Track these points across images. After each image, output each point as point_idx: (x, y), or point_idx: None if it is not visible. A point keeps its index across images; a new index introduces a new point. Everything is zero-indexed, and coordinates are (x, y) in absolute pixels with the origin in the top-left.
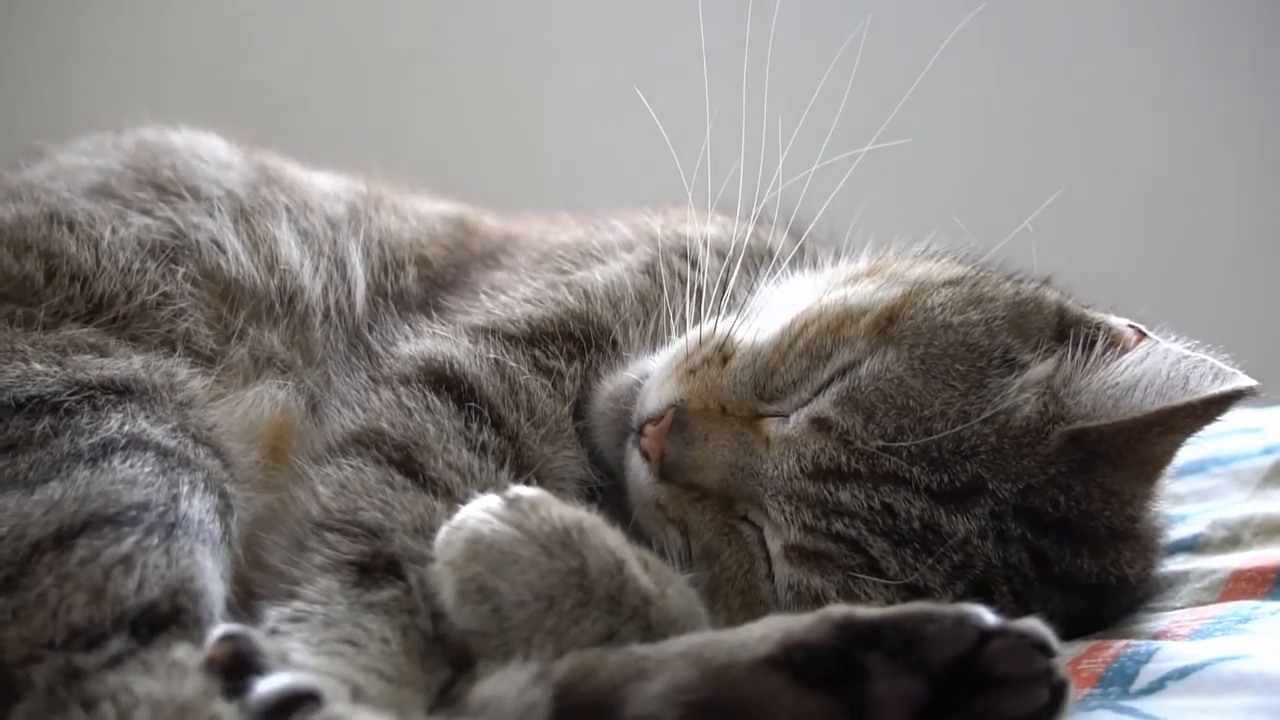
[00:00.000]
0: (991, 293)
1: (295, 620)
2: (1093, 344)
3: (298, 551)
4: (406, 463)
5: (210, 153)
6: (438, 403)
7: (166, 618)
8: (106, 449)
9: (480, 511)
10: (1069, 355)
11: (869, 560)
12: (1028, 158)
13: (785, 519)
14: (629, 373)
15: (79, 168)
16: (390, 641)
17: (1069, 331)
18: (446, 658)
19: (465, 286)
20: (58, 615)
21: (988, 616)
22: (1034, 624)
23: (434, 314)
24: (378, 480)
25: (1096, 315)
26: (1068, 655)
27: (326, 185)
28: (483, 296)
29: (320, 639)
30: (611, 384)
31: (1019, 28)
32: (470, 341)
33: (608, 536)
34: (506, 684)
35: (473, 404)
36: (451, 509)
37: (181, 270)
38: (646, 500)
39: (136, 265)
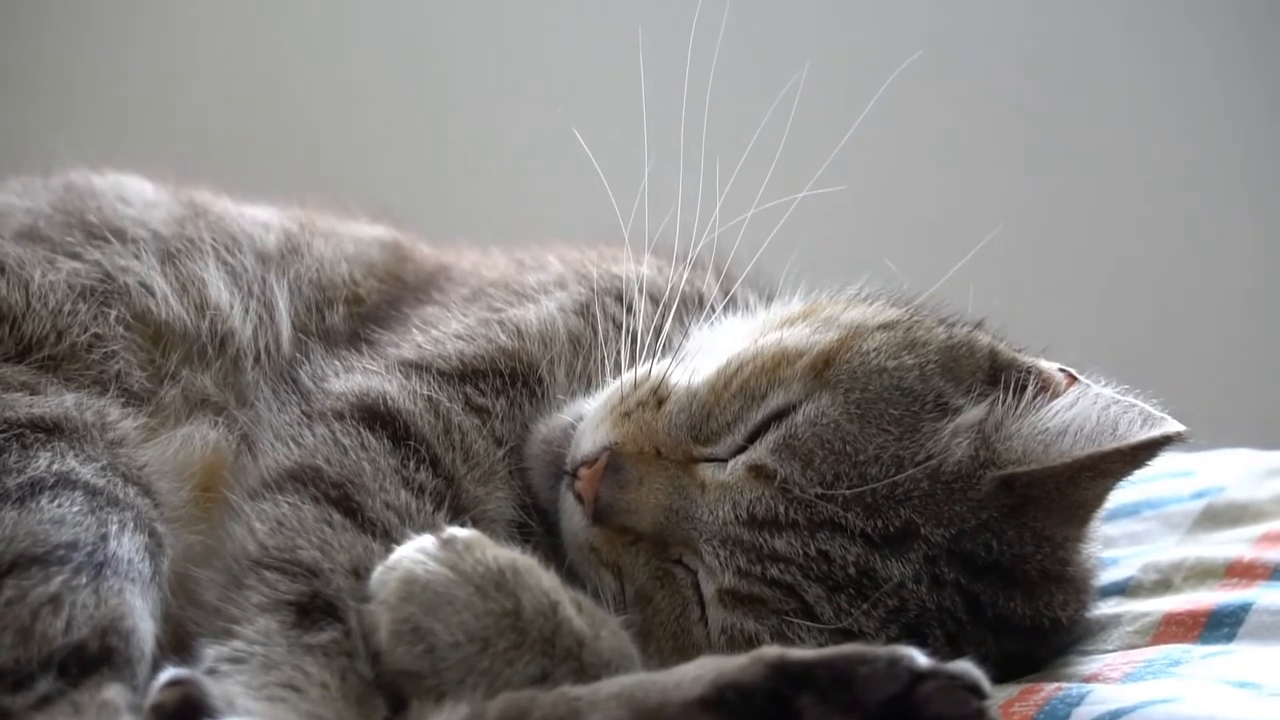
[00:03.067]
0: (925, 337)
1: (234, 661)
2: (1024, 388)
3: (235, 589)
4: (344, 501)
5: (135, 194)
6: (373, 440)
7: (97, 658)
8: (34, 488)
9: (415, 552)
10: (1000, 400)
11: (803, 605)
12: (961, 201)
13: (720, 563)
14: (564, 415)
15: (10, 208)
16: (330, 686)
17: (1001, 375)
18: (385, 700)
19: (396, 320)
20: None
21: (920, 658)
22: (966, 666)
23: (364, 348)
24: (316, 519)
25: (1028, 359)
26: (1000, 698)
27: (260, 215)
28: (414, 330)
29: (261, 683)
30: (545, 427)
31: (953, 75)
32: (403, 377)
33: (542, 578)
34: None
35: (409, 442)
36: (389, 550)
37: (113, 313)
38: (580, 543)
39: (67, 307)
